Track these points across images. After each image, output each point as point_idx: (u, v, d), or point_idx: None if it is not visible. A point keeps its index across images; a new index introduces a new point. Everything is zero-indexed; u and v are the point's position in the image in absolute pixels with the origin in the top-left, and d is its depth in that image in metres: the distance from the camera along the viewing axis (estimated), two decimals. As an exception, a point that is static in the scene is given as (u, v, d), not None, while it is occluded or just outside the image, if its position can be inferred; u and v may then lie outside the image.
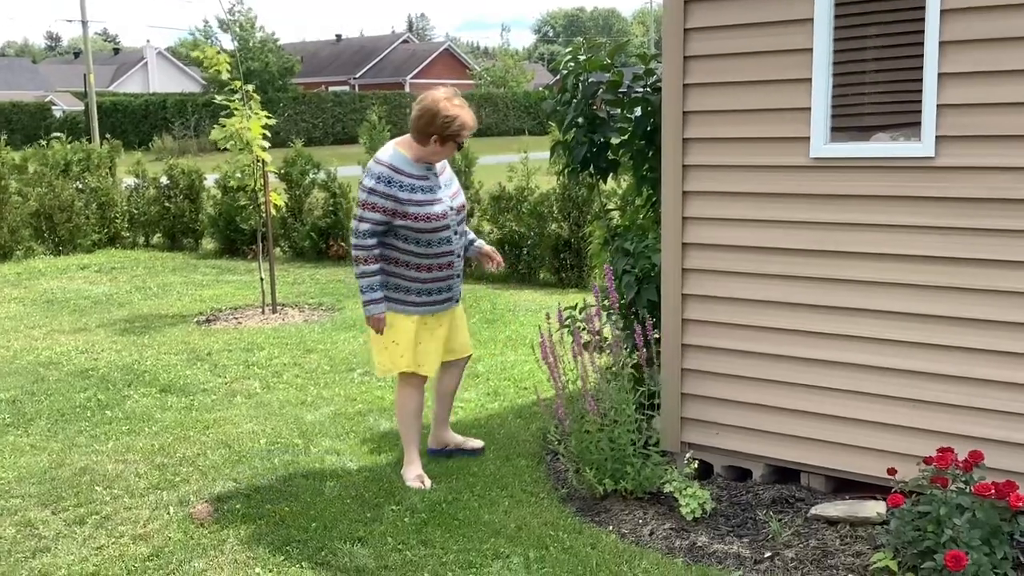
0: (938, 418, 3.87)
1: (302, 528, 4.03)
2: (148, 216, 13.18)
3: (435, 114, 4.26)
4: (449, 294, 4.49)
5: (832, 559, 3.71)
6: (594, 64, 5.16)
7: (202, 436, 5.24)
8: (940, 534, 3.35)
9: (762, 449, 4.37)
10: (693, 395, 4.54)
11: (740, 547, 3.86)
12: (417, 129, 4.30)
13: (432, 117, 4.27)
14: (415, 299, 4.38)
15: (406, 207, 4.24)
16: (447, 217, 4.35)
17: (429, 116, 4.27)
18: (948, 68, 3.72)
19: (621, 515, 4.19)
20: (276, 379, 6.35)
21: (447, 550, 3.83)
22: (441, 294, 4.44)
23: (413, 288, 4.36)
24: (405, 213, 4.24)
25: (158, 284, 10.15)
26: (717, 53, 4.26)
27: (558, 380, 4.39)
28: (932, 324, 3.87)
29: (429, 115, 4.27)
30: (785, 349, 4.23)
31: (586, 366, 4.40)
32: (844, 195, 4.02)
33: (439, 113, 4.26)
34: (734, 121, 4.26)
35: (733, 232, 4.32)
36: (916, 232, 3.87)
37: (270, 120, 8.36)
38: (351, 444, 5.08)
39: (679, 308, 4.51)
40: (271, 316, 8.36)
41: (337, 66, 62.41)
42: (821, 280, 4.11)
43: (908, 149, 3.85)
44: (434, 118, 4.26)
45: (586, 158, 5.22)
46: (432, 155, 4.36)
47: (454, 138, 4.31)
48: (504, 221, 10.30)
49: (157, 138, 36.97)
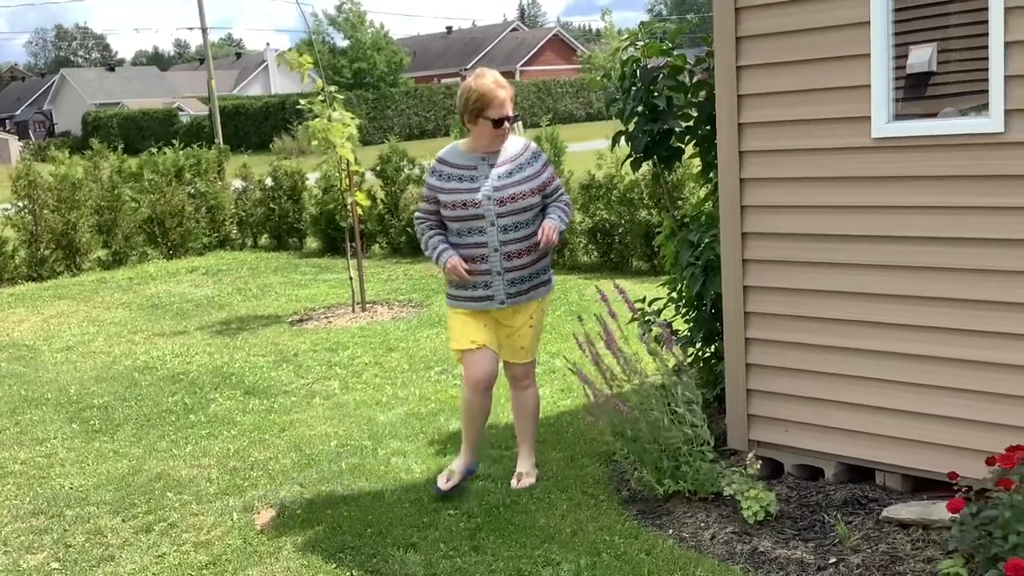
0: (1016, 412, 3.59)
1: (357, 534, 4.04)
2: (255, 218, 13.59)
3: (460, 95, 4.17)
4: (487, 291, 4.21)
5: (900, 565, 3.49)
6: (653, 49, 4.98)
7: (277, 439, 5.34)
8: (1007, 540, 3.09)
9: (833, 447, 4.15)
10: (759, 391, 4.34)
11: (804, 552, 3.67)
12: (459, 116, 4.26)
13: (459, 99, 4.18)
14: (452, 291, 4.30)
15: (441, 195, 4.20)
16: (478, 206, 4.13)
17: (458, 99, 4.19)
18: (1014, 36, 3.42)
19: (683, 518, 4.05)
20: (356, 379, 6.42)
21: (498, 557, 3.77)
22: (477, 290, 4.21)
23: (453, 279, 4.24)
24: (444, 202, 4.20)
25: (258, 285, 10.44)
26: (770, 32, 4.05)
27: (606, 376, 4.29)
28: (1006, 311, 3.58)
29: (458, 98, 4.19)
30: (854, 341, 4.00)
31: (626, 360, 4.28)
32: (910, 176, 3.77)
33: (462, 92, 4.15)
34: (791, 103, 4.04)
35: (794, 219, 4.11)
36: (986, 213, 3.58)
37: (353, 121, 8.42)
38: (418, 445, 5.08)
39: (740, 300, 4.32)
40: (360, 315, 8.47)
41: (448, 58, 62.98)
42: (888, 267, 3.86)
43: (975, 125, 3.57)
44: (460, 98, 4.17)
45: (648, 147, 5.06)
46: (478, 140, 4.21)
47: (481, 114, 4.11)
48: (595, 209, 10.16)
49: (277, 139, 38.09)
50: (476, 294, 4.23)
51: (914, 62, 3.72)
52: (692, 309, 5.14)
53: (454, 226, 4.21)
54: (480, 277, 4.19)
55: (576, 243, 10.38)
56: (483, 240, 4.16)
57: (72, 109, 59.38)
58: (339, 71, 46.27)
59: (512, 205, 4.16)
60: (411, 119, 42.88)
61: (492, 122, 4.12)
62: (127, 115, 49.63)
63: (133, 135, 44.28)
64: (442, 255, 4.19)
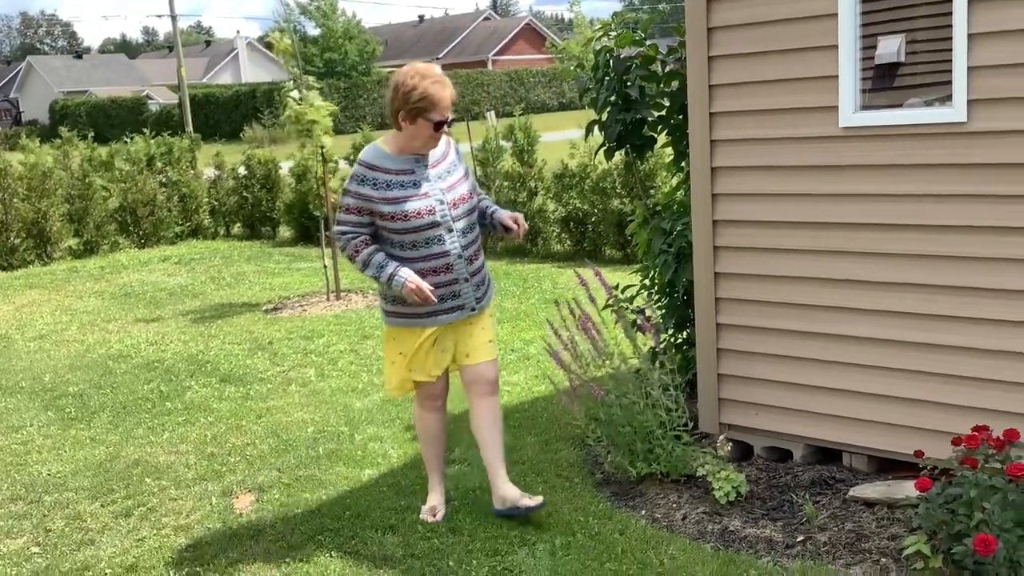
0: (979, 394, 3.71)
1: (336, 517, 4.10)
2: (227, 207, 13.55)
3: (395, 89, 3.71)
4: (457, 301, 3.85)
5: (866, 543, 3.60)
6: (626, 39, 5.05)
7: (253, 425, 5.37)
8: (971, 517, 3.21)
9: (801, 429, 4.25)
10: (730, 375, 4.44)
11: (773, 531, 3.78)
12: (389, 112, 3.78)
13: (394, 93, 3.71)
14: (415, 309, 3.81)
15: (379, 206, 3.71)
16: (433, 213, 3.74)
17: (392, 93, 3.73)
18: (978, 28, 3.52)
19: (656, 499, 4.14)
20: (331, 366, 6.46)
21: (475, 537, 3.84)
22: (446, 302, 3.83)
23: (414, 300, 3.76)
24: (380, 213, 3.72)
25: (232, 274, 10.43)
26: (741, 23, 4.13)
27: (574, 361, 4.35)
28: (969, 296, 3.69)
29: (392, 90, 3.73)
30: (822, 326, 4.10)
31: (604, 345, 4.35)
32: (876, 165, 3.86)
33: (400, 85, 3.69)
34: (761, 93, 4.13)
35: (764, 207, 4.20)
36: (950, 201, 3.69)
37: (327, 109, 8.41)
38: (395, 431, 5.14)
39: (712, 287, 4.41)
40: (335, 303, 8.50)
41: (420, 47, 62.73)
42: (856, 254, 3.96)
43: (939, 115, 3.67)
44: (395, 93, 3.70)
45: (621, 136, 5.13)
46: (412, 140, 3.76)
47: (422, 114, 3.67)
48: (568, 198, 10.24)
49: (248, 128, 37.84)
50: (445, 306, 3.84)
51: (882, 53, 3.82)
52: (664, 296, 5.22)
53: (406, 239, 3.75)
54: (447, 289, 3.82)
55: (549, 232, 10.46)
56: (445, 249, 3.79)
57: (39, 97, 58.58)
58: (310, 60, 46.02)
59: (463, 207, 3.87)
60: (383, 108, 42.66)
61: (433, 124, 3.72)
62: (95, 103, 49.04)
63: (102, 124, 43.77)
64: (396, 276, 3.71)
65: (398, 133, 3.81)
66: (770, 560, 3.53)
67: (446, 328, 3.92)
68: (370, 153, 3.83)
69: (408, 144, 3.80)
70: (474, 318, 3.97)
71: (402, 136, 3.80)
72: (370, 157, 3.81)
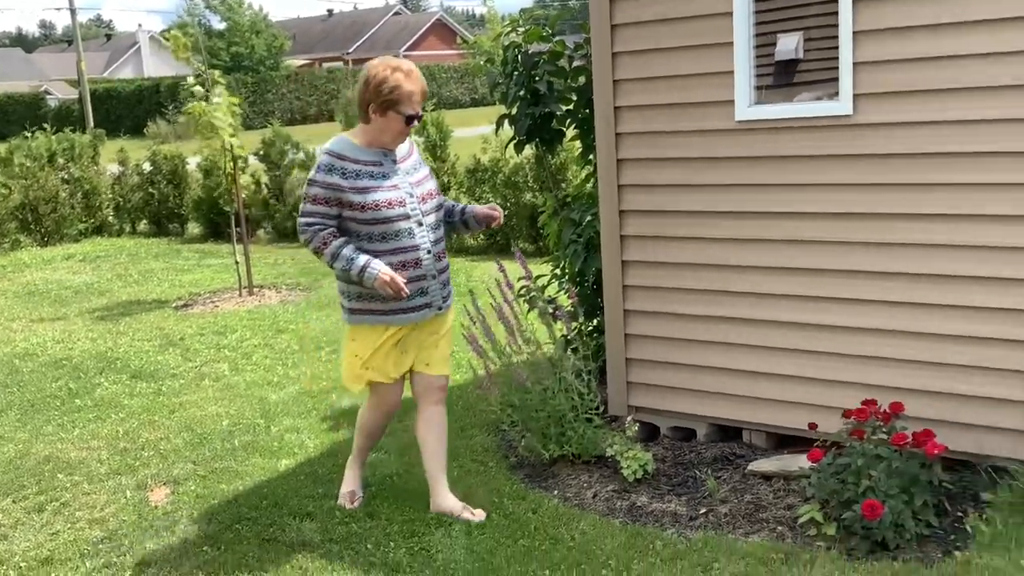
0: (864, 371, 3.95)
1: (253, 506, 4.14)
2: (133, 203, 13.28)
3: (367, 80, 3.70)
4: (425, 299, 3.80)
5: (764, 513, 3.80)
6: (534, 35, 5.19)
7: (167, 420, 5.35)
8: (859, 485, 3.43)
9: (704, 409, 4.45)
10: (638, 359, 4.62)
11: (678, 505, 3.96)
12: (358, 104, 3.76)
13: (365, 85, 3.70)
14: (380, 306, 3.75)
15: (349, 195, 3.66)
16: (404, 205, 3.72)
17: (363, 86, 3.71)
18: (862, 26, 3.76)
19: (567, 479, 4.29)
20: (245, 361, 6.46)
21: (392, 521, 3.93)
22: (414, 299, 3.76)
23: (378, 293, 3.70)
24: (350, 203, 3.66)
25: (139, 271, 10.26)
26: (642, 20, 4.30)
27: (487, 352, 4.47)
28: (857, 279, 3.93)
29: (363, 83, 3.72)
30: (721, 310, 4.31)
31: (515, 334, 4.47)
32: (770, 156, 4.07)
33: (371, 78, 3.69)
34: (662, 88, 4.31)
35: (667, 197, 4.38)
36: (838, 190, 3.92)
37: (236, 106, 8.37)
38: (311, 422, 5.19)
39: (619, 275, 4.58)
40: (247, 298, 8.46)
41: (330, 42, 62.10)
42: (752, 241, 4.17)
43: (827, 108, 3.90)
44: (366, 85, 3.70)
45: (530, 130, 5.26)
46: (381, 134, 3.75)
47: (393, 107, 3.68)
48: (480, 193, 10.36)
49: (151, 123, 36.96)
50: (413, 304, 3.78)
51: (778, 50, 4.02)
52: (575, 285, 5.38)
53: (375, 230, 3.70)
54: (415, 285, 3.76)
55: (462, 226, 10.54)
56: (414, 243, 3.75)
57: (-72, 91, 56.07)
58: (216, 54, 45.19)
59: (432, 203, 3.87)
60: (292, 104, 42.17)
61: (405, 118, 3.72)
62: (-10, 98, 47.21)
63: (-3, 119, 42.24)
64: (369, 268, 3.63)
65: (366, 126, 3.77)
66: (674, 532, 3.71)
67: (410, 329, 3.86)
68: (338, 144, 3.77)
69: (377, 137, 3.77)
70: (438, 325, 3.94)
71: (371, 129, 3.76)
72: (338, 147, 3.75)
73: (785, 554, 3.42)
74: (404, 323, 3.81)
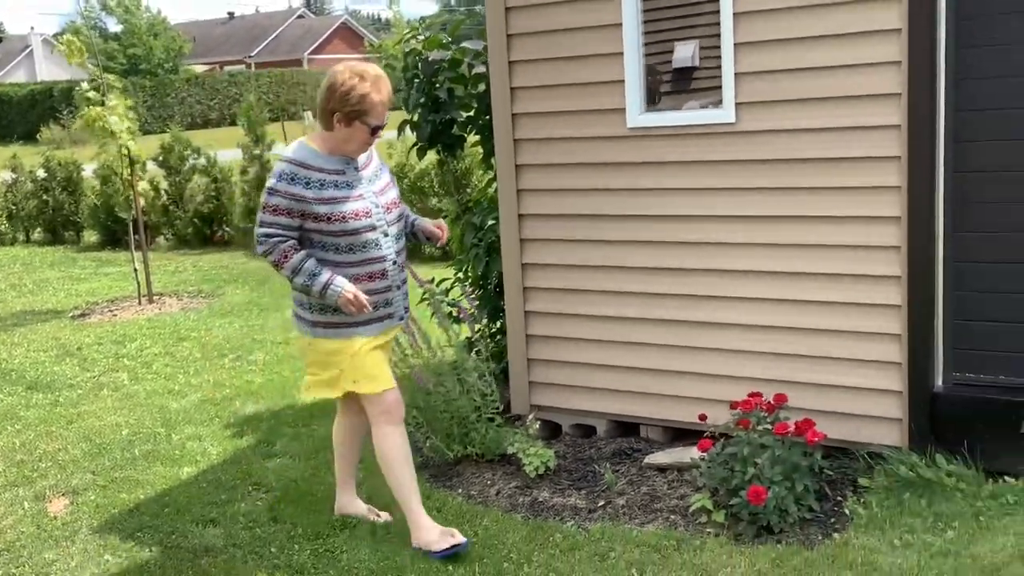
0: (751, 365, 4.15)
1: (155, 514, 4.12)
2: (26, 211, 12.91)
3: (332, 87, 3.53)
4: (388, 310, 3.69)
5: (659, 503, 3.96)
6: (433, 42, 5.28)
7: (65, 431, 5.26)
8: (745, 473, 3.62)
9: (602, 406, 4.60)
10: (539, 359, 4.74)
11: (577, 499, 4.09)
12: (320, 110, 3.58)
13: (330, 92, 3.53)
14: (343, 319, 3.61)
15: (314, 207, 3.50)
16: (370, 215, 3.59)
17: (327, 92, 3.54)
18: (742, 38, 3.95)
19: (471, 478, 4.38)
20: (145, 370, 6.38)
21: (297, 524, 3.96)
22: (379, 309, 3.65)
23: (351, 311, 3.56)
24: (315, 214, 3.51)
25: (34, 280, 10.00)
26: (537, 30, 4.43)
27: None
28: (742, 279, 4.13)
29: (327, 90, 3.55)
30: (616, 310, 4.46)
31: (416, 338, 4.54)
32: (660, 162, 4.24)
33: (337, 86, 3.52)
34: (558, 95, 4.44)
35: (564, 201, 4.52)
36: (723, 194, 4.11)
37: (131, 111, 8.25)
38: (214, 429, 5.17)
39: (520, 277, 4.70)
40: (147, 307, 8.33)
41: (231, 45, 60.94)
42: (642, 243, 4.34)
43: (712, 116, 4.09)
44: (332, 92, 3.52)
45: (432, 136, 5.35)
46: (345, 143, 3.58)
47: (359, 117, 3.52)
48: (385, 198, 10.38)
49: (45, 128, 35.77)
50: (379, 314, 3.67)
51: (674, 58, 4.19)
52: (478, 288, 5.48)
53: (341, 242, 3.56)
54: (380, 296, 3.65)
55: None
56: (381, 254, 3.63)
57: None
58: (112, 56, 43.98)
59: (395, 212, 3.74)
60: (193, 108, 41.33)
61: (371, 128, 3.58)
62: None
63: None
64: (332, 285, 3.51)
65: (328, 134, 3.60)
66: (574, 524, 3.84)
67: (389, 337, 3.79)
68: (300, 152, 3.58)
69: (340, 146, 3.60)
70: (395, 333, 3.88)
71: (334, 137, 3.59)
72: (301, 156, 3.57)
73: (677, 541, 3.58)
74: (366, 335, 3.65)
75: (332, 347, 3.65)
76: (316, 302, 3.61)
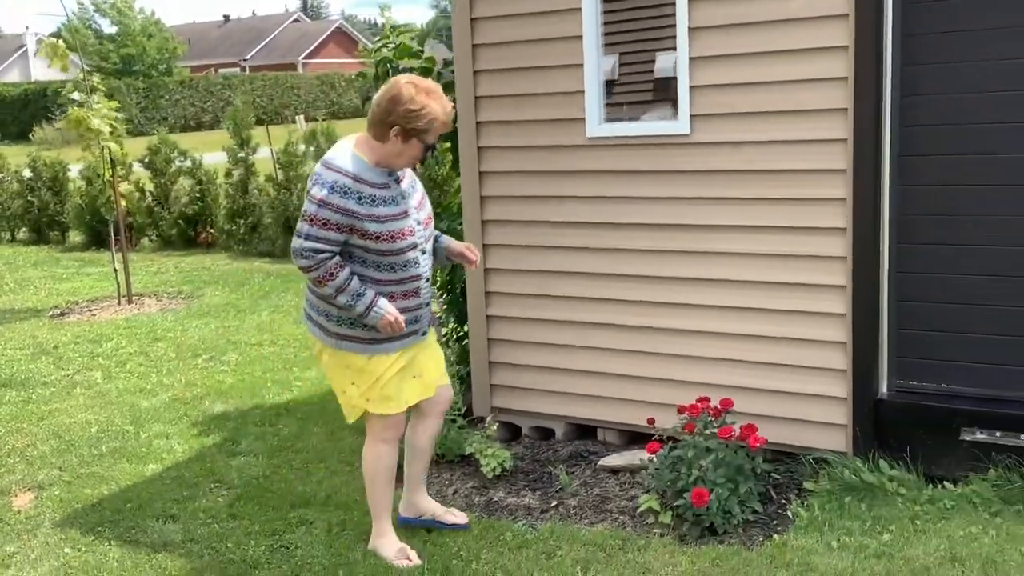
0: (701, 370, 4.25)
1: (116, 510, 4.20)
2: (12, 210, 12.97)
3: (397, 100, 3.35)
4: (415, 326, 3.58)
5: (609, 504, 4.05)
6: (403, 50, 5.38)
7: (34, 428, 5.34)
8: (690, 475, 3.71)
9: (560, 409, 4.69)
10: (500, 363, 4.83)
11: (532, 499, 4.18)
12: (376, 120, 3.40)
13: (393, 104, 3.36)
14: (368, 334, 3.48)
15: (364, 223, 3.34)
16: (413, 234, 3.46)
17: (389, 103, 3.37)
18: (697, 52, 4.06)
19: (431, 478, 4.44)
20: (119, 369, 6.45)
21: (255, 521, 4.05)
22: (408, 326, 3.52)
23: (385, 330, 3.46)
24: (363, 231, 3.35)
25: (16, 279, 10.07)
26: (501, 41, 4.53)
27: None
28: (696, 286, 4.23)
29: (390, 102, 3.37)
30: (575, 315, 4.55)
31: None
32: (618, 171, 4.35)
33: (403, 100, 3.34)
34: (521, 105, 4.54)
35: (525, 208, 4.62)
36: (677, 203, 4.22)
37: (117, 112, 8.33)
38: (182, 427, 5.25)
39: (482, 282, 4.79)
40: (126, 307, 8.40)
41: (226, 48, 61.09)
42: (601, 250, 4.44)
43: (668, 127, 4.19)
44: (395, 105, 3.35)
45: (401, 142, 5.43)
46: (395, 157, 3.42)
47: (419, 135, 3.38)
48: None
49: (38, 128, 35.78)
50: (407, 331, 3.54)
51: (625, 71, 4.30)
52: (446, 292, 5.57)
53: (383, 260, 3.42)
54: (411, 314, 3.54)
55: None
56: (419, 272, 3.52)
57: None
58: (106, 56, 44.04)
59: (430, 228, 3.63)
60: (187, 110, 41.39)
61: (426, 147, 3.46)
62: None
63: None
64: (375, 308, 3.39)
65: (378, 144, 3.42)
66: (525, 524, 3.93)
67: (411, 353, 3.63)
68: (353, 163, 3.39)
69: (388, 159, 3.44)
70: (430, 338, 3.78)
71: (383, 149, 3.42)
72: (354, 168, 3.38)
73: (623, 540, 3.67)
74: (392, 351, 3.54)
75: (358, 363, 3.53)
76: (345, 315, 3.47)
